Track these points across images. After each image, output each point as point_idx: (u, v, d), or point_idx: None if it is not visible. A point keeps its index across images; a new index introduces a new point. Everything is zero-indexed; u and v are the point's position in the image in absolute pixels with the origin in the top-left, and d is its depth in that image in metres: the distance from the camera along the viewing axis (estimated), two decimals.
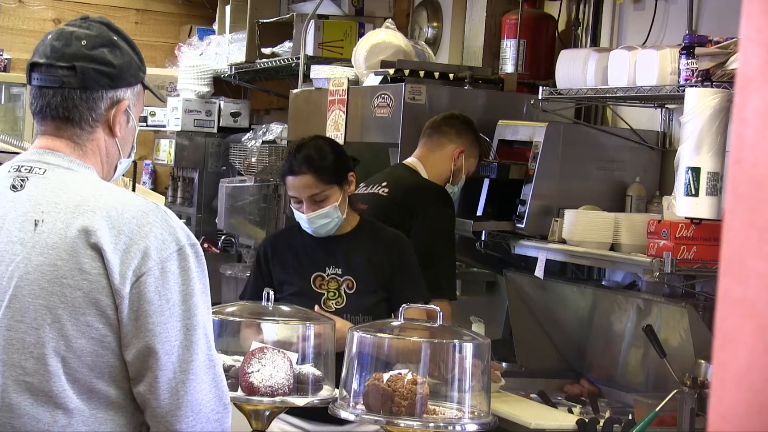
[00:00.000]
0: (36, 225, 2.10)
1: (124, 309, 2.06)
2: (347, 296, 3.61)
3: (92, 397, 2.08)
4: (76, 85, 2.19)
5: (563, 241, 4.29)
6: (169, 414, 2.09)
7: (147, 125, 7.74)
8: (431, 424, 2.79)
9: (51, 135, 2.21)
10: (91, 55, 2.20)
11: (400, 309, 2.96)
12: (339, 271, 3.63)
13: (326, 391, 2.98)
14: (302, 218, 3.63)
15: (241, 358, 2.94)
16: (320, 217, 3.60)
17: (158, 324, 2.07)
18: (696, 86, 3.66)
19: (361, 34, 6.01)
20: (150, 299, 2.06)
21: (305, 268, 3.66)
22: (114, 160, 2.28)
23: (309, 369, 2.97)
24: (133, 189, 3.77)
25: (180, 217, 8.42)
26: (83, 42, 2.20)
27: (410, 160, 4.37)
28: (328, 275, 3.64)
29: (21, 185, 2.15)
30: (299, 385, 2.94)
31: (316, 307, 3.49)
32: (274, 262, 3.71)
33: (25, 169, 2.17)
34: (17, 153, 3.72)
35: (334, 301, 3.61)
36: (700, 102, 3.60)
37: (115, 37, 2.24)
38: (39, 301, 2.06)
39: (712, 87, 3.63)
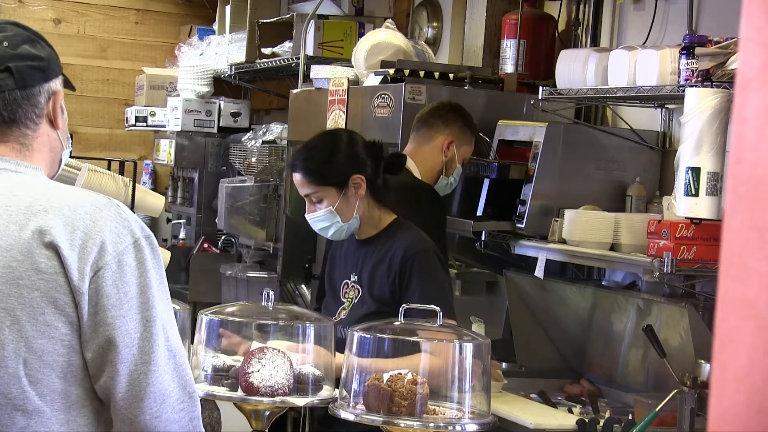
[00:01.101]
0: None
1: (84, 305, 2.05)
2: (351, 307, 3.49)
3: (55, 398, 2.07)
4: (14, 85, 2.18)
5: (563, 241, 4.29)
6: (132, 405, 2.09)
7: (147, 125, 7.75)
8: (431, 424, 2.79)
9: None
10: (18, 53, 2.19)
11: (401, 309, 2.96)
12: (356, 279, 3.50)
13: (326, 391, 2.98)
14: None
15: (241, 358, 2.94)
16: (316, 221, 3.46)
17: (117, 317, 2.06)
18: (696, 86, 3.66)
19: (361, 34, 6.01)
20: (108, 293, 2.06)
21: (339, 274, 3.56)
22: (58, 153, 2.28)
23: (309, 369, 2.97)
24: (133, 189, 3.76)
25: (180, 218, 8.40)
26: (4, 44, 2.20)
27: None
28: (351, 282, 3.51)
29: None
30: (299, 385, 2.94)
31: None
32: (327, 265, 3.65)
33: None
34: None
35: (344, 312, 3.50)
36: (700, 102, 3.60)
37: (29, 33, 2.25)
38: None
39: (712, 87, 3.63)
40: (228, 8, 7.22)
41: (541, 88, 4.47)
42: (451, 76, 4.95)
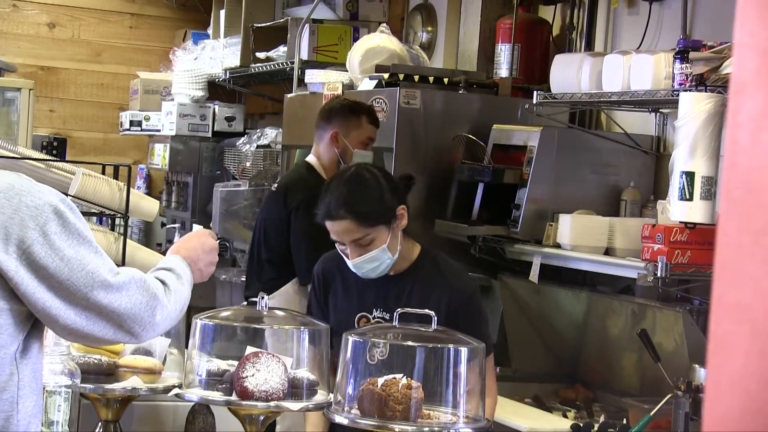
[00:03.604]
0: None
1: (17, 278, 2.10)
2: None
3: None
4: None
5: (558, 246, 4.29)
6: (84, 329, 2.21)
7: (141, 129, 7.74)
8: (426, 429, 2.79)
9: None
10: None
11: (395, 313, 2.95)
12: (387, 316, 3.24)
13: (321, 396, 2.98)
14: (348, 263, 3.21)
15: (236, 363, 2.94)
16: (367, 262, 3.19)
17: (63, 280, 2.14)
18: (690, 91, 3.67)
19: (355, 39, 6.01)
20: (45, 264, 2.12)
21: (352, 305, 3.31)
22: None
23: (303, 373, 2.97)
24: (128, 193, 3.76)
25: (174, 222, 8.38)
26: None
27: (309, 158, 4.61)
28: (374, 318, 3.28)
29: None
30: (294, 389, 2.93)
31: None
32: (328, 289, 3.37)
33: None
34: (13, 158, 3.72)
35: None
36: (694, 106, 3.60)
37: None
38: None
39: (706, 91, 3.63)
40: (222, 12, 7.22)
41: (535, 92, 4.48)
42: (445, 80, 4.96)
